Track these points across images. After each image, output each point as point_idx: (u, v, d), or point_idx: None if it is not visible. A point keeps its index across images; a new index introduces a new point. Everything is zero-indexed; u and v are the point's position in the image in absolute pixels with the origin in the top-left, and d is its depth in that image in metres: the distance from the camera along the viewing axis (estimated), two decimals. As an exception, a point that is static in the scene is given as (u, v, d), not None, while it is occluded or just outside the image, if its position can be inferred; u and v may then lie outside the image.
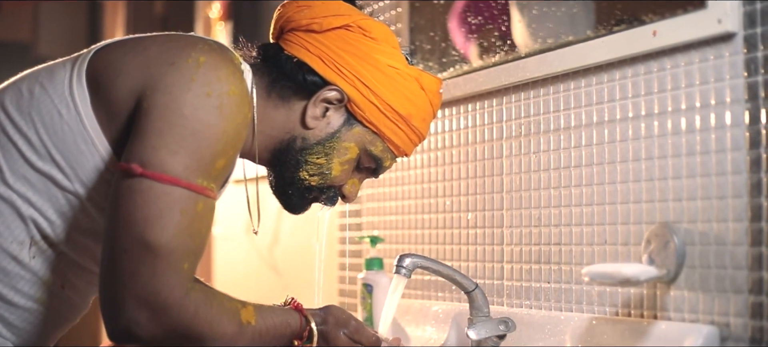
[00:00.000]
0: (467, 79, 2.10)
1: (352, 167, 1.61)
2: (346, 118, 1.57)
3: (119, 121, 1.41)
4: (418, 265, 1.78)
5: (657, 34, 1.62)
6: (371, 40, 1.57)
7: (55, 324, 1.56)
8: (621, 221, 1.71)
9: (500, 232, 2.01)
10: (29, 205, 1.43)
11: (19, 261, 1.45)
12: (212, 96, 1.38)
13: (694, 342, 1.51)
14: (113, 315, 1.34)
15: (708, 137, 1.56)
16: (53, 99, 1.44)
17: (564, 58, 1.82)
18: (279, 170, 1.60)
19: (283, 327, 1.51)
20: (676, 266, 1.58)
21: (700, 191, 1.56)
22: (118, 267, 1.33)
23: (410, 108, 1.58)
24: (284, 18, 1.61)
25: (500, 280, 2.00)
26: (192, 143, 1.35)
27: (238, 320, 1.43)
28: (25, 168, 1.43)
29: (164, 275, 1.32)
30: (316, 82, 1.55)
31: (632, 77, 1.70)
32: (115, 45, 1.50)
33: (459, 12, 2.39)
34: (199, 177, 1.36)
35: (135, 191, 1.33)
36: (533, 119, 1.93)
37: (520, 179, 1.96)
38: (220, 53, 1.44)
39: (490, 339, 1.79)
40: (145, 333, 1.33)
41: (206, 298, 1.39)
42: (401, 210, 2.34)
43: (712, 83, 1.55)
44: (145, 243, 1.31)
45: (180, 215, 1.33)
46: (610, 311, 1.72)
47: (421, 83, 1.60)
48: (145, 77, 1.40)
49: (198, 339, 1.38)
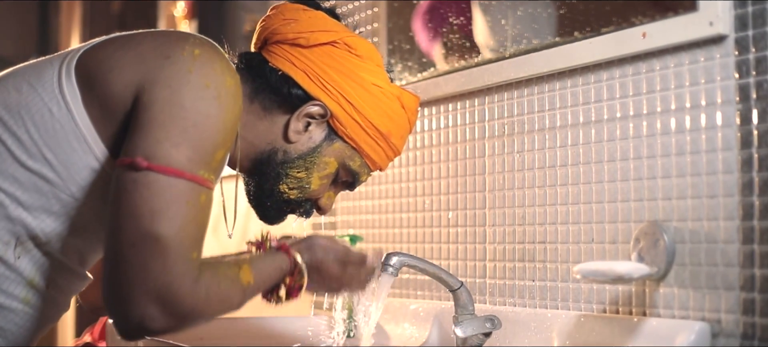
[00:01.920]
0: (448, 79, 2.11)
1: (330, 180, 1.64)
2: (328, 133, 1.60)
3: (115, 117, 1.41)
4: (405, 263, 1.78)
5: (647, 36, 1.65)
6: (357, 58, 1.59)
7: (39, 325, 1.54)
8: (608, 219, 1.73)
9: (482, 230, 2.02)
10: (18, 204, 1.42)
11: (5, 261, 1.43)
12: (211, 87, 1.38)
13: (687, 338, 1.54)
14: (124, 311, 1.33)
15: (698, 137, 1.59)
16: (43, 97, 1.43)
17: (550, 59, 1.84)
18: (258, 180, 1.62)
19: (276, 273, 1.52)
20: (666, 263, 1.61)
21: (691, 190, 1.59)
22: (127, 262, 1.31)
23: (390, 126, 1.62)
24: (269, 29, 1.61)
25: (482, 278, 2.01)
26: (194, 134, 1.36)
27: (241, 286, 1.43)
28: (14, 167, 1.41)
29: (175, 267, 1.31)
30: (300, 97, 1.57)
31: (620, 78, 1.72)
32: (104, 43, 1.50)
33: (423, 13, 2.41)
34: (201, 169, 1.36)
35: (141, 185, 1.32)
36: (517, 118, 1.95)
37: (502, 177, 1.98)
38: (211, 47, 1.46)
39: (476, 336, 1.80)
40: (160, 326, 1.33)
41: (213, 276, 1.38)
42: (378, 209, 2.34)
43: (702, 85, 1.58)
44: (154, 236, 1.30)
45: (186, 207, 1.33)
46: (598, 308, 1.74)
47: (402, 102, 1.63)
48: (142, 72, 1.40)
49: (210, 317, 1.39)
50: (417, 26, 2.38)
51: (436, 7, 2.35)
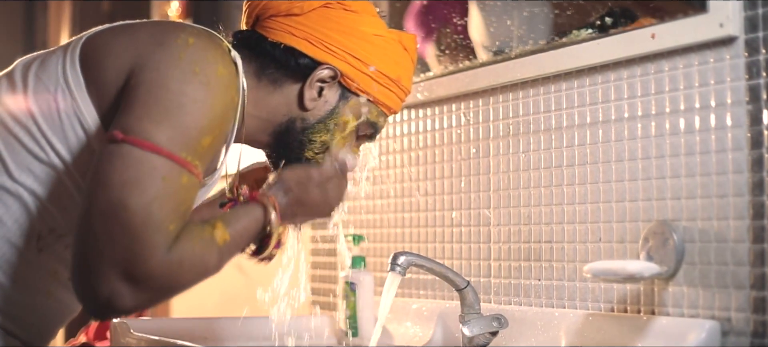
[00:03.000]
0: (452, 79, 2.12)
1: (352, 137, 1.66)
2: (341, 92, 1.61)
3: (108, 101, 1.41)
4: (412, 263, 1.79)
5: (656, 37, 1.66)
6: (353, 14, 1.60)
7: (61, 316, 1.56)
8: (616, 219, 1.74)
9: (487, 230, 2.03)
10: (35, 197, 1.42)
11: (27, 254, 1.44)
12: (199, 74, 1.38)
13: (698, 337, 1.55)
14: (91, 288, 1.28)
15: (708, 137, 1.60)
16: (49, 87, 1.43)
17: (557, 59, 1.86)
18: (282, 151, 1.63)
19: (253, 225, 1.49)
20: (675, 262, 1.62)
21: (700, 190, 1.61)
22: (95, 234, 1.27)
23: (399, 70, 1.64)
24: (260, 6, 1.62)
25: (487, 278, 2.02)
26: (177, 115, 1.35)
27: (216, 245, 1.39)
28: (28, 160, 1.42)
29: (143, 238, 1.27)
30: (308, 64, 1.58)
31: (628, 79, 1.74)
32: (105, 30, 1.51)
33: (415, 13, 2.42)
34: (182, 151, 1.34)
35: (115, 156, 1.30)
36: (523, 118, 1.96)
37: (508, 177, 1.99)
38: (209, 37, 1.47)
39: (483, 335, 1.81)
40: (131, 303, 1.29)
41: (187, 241, 1.33)
42: (381, 209, 2.35)
43: (712, 85, 1.60)
44: (123, 205, 1.27)
45: (162, 183, 1.30)
46: (606, 307, 1.75)
47: (403, 44, 1.65)
48: (134, 57, 1.40)
49: (185, 284, 1.35)
50: (409, 26, 2.39)
51: (429, 7, 2.36)
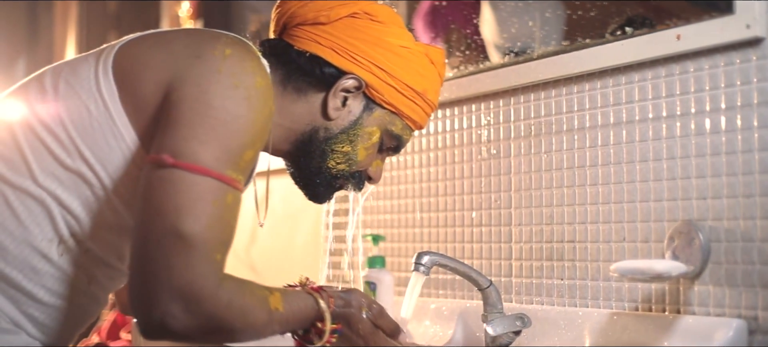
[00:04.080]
0: (473, 79, 2.13)
1: (376, 149, 1.65)
2: (366, 103, 1.60)
3: (146, 114, 1.41)
4: (436, 262, 1.80)
5: (681, 38, 1.67)
6: (380, 24, 1.60)
7: (79, 321, 1.55)
8: (641, 219, 1.76)
9: (508, 230, 2.04)
10: (58, 203, 1.42)
11: (49, 258, 1.44)
12: (240, 87, 1.39)
13: (725, 335, 1.56)
14: (147, 309, 1.32)
15: (734, 137, 1.61)
16: (80, 95, 1.43)
17: (581, 60, 1.87)
18: (303, 161, 1.62)
19: (307, 310, 1.51)
20: (701, 262, 1.63)
21: (726, 190, 1.62)
22: (151, 258, 1.31)
23: (424, 83, 1.63)
24: (287, 14, 1.62)
25: (508, 277, 2.03)
26: (222, 134, 1.36)
27: (268, 308, 1.42)
28: (54, 166, 1.42)
29: (198, 266, 1.30)
30: (333, 74, 1.57)
31: (652, 80, 1.75)
32: (138, 40, 1.51)
33: (424, 13, 2.43)
34: (228, 169, 1.35)
35: (167, 182, 1.32)
36: (544, 119, 1.97)
37: (529, 178, 2.00)
38: (244, 46, 1.46)
39: (507, 335, 1.81)
40: (180, 325, 1.32)
41: (238, 287, 1.38)
42: (400, 209, 2.36)
43: (737, 86, 1.61)
44: (178, 233, 1.29)
45: (212, 206, 1.33)
46: (630, 306, 1.77)
47: (430, 57, 1.64)
48: (172, 70, 1.40)
49: (231, 329, 1.37)
50: (418, 27, 2.40)
51: (438, 7, 2.37)
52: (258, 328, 1.41)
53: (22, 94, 1.49)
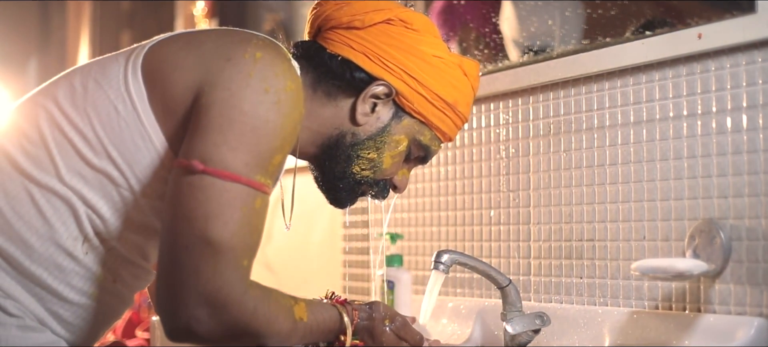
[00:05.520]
0: (491, 78, 2.14)
1: (402, 158, 1.63)
2: (395, 111, 1.58)
3: (175, 116, 1.41)
4: (456, 261, 1.80)
5: (702, 37, 1.68)
6: (414, 32, 1.58)
7: (105, 319, 1.55)
8: (661, 217, 1.76)
9: (527, 229, 2.05)
10: (83, 202, 1.43)
11: (74, 256, 1.44)
12: (270, 92, 1.38)
13: (746, 334, 1.57)
14: (173, 312, 1.34)
15: (755, 136, 1.62)
16: (109, 94, 1.44)
17: (600, 59, 1.87)
18: (328, 164, 1.61)
19: (331, 323, 1.53)
20: (722, 260, 1.63)
21: (748, 189, 1.62)
22: (179, 264, 1.32)
23: (456, 95, 1.61)
24: (322, 17, 1.61)
25: (527, 276, 2.04)
26: (251, 139, 1.36)
27: (293, 317, 1.44)
28: (80, 165, 1.42)
29: (226, 272, 1.32)
30: (363, 79, 1.56)
31: (673, 78, 1.75)
32: (168, 40, 1.50)
33: (437, 13, 2.43)
34: (257, 174, 1.36)
35: (196, 188, 1.33)
36: (564, 118, 1.97)
37: (548, 176, 2.00)
38: (275, 49, 1.45)
39: (526, 333, 1.82)
40: (206, 330, 1.34)
41: (263, 295, 1.39)
42: (418, 207, 2.36)
43: (760, 85, 1.61)
44: (207, 240, 1.31)
45: (240, 212, 1.33)
46: (650, 305, 1.77)
47: (463, 69, 1.62)
48: (202, 73, 1.40)
49: (255, 335, 1.39)
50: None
51: (452, 7, 2.38)
52: (282, 336, 1.42)
53: (50, 92, 1.49)
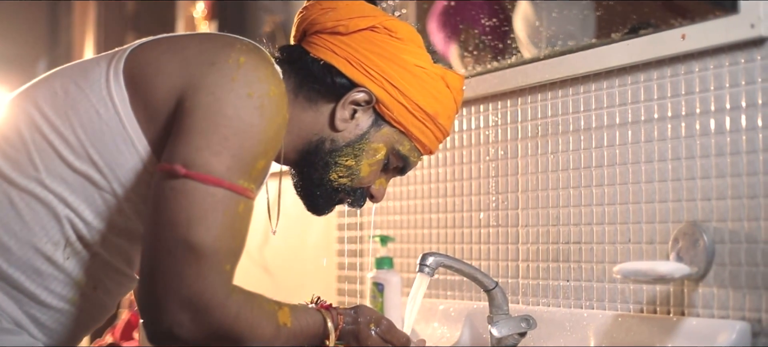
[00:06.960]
0: (480, 80, 2.13)
1: (380, 167, 1.62)
2: (375, 119, 1.58)
3: (158, 120, 1.41)
4: (441, 264, 1.79)
5: (686, 37, 1.66)
6: (397, 41, 1.58)
7: (84, 325, 1.55)
8: (646, 220, 1.75)
9: (515, 231, 2.04)
10: (65, 205, 1.42)
11: (53, 261, 1.44)
12: (253, 97, 1.38)
13: (728, 337, 1.55)
14: (155, 316, 1.34)
15: (738, 138, 1.60)
16: (90, 98, 1.43)
17: (587, 60, 1.86)
18: (306, 170, 1.60)
19: (315, 327, 1.52)
20: (705, 263, 1.62)
21: (731, 191, 1.61)
22: (161, 268, 1.32)
23: (437, 106, 1.60)
24: (308, 20, 1.61)
25: (515, 278, 2.03)
26: (234, 143, 1.35)
27: (276, 322, 1.43)
28: (62, 168, 1.42)
29: (208, 276, 1.32)
30: (344, 85, 1.55)
31: (658, 80, 1.74)
32: (150, 44, 1.50)
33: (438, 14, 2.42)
34: (241, 178, 1.35)
35: (179, 192, 1.32)
36: (551, 119, 1.96)
37: (536, 178, 1.99)
38: (258, 54, 1.45)
39: (512, 336, 1.81)
40: (188, 334, 1.33)
41: (246, 300, 1.39)
42: (408, 210, 2.35)
43: (742, 86, 1.60)
44: (189, 244, 1.30)
45: (223, 216, 1.33)
46: (635, 308, 1.76)
47: (446, 81, 1.61)
48: (186, 77, 1.40)
49: (238, 340, 1.38)
50: (432, 27, 2.39)
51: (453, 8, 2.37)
52: (265, 341, 1.41)
53: (30, 95, 1.48)
